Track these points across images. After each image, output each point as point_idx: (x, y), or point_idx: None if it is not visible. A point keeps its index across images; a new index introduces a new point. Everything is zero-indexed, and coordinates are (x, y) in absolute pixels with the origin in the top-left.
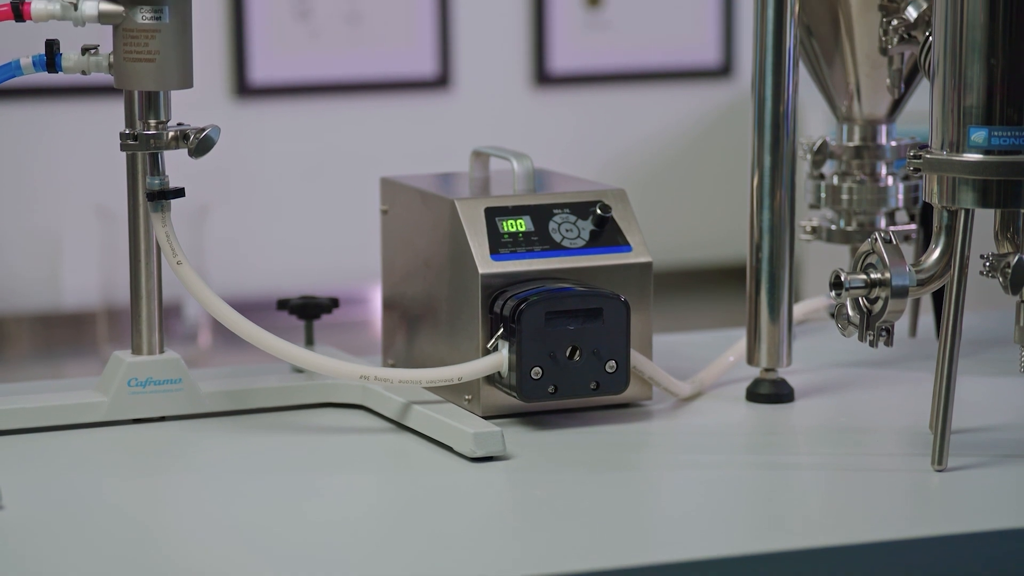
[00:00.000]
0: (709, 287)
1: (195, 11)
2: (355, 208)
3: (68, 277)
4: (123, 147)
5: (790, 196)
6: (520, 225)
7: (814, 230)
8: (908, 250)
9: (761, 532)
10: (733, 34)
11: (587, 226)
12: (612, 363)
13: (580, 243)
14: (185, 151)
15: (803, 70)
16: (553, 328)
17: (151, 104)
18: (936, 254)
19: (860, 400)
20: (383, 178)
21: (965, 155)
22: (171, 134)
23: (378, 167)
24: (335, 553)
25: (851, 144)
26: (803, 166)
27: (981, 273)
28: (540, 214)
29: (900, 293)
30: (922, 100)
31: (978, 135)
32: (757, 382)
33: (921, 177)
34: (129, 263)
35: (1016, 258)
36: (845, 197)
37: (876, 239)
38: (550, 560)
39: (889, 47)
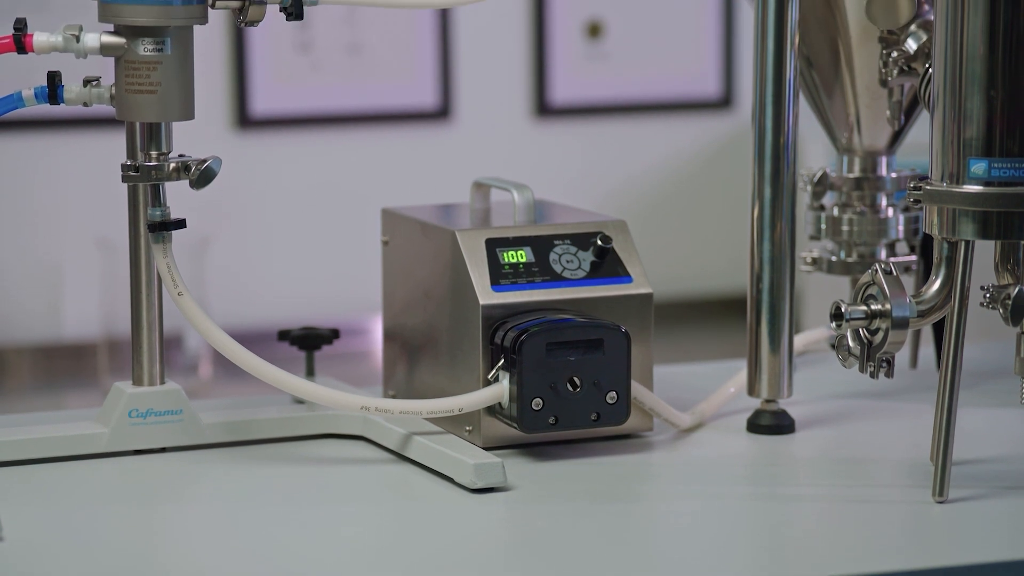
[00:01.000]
0: (710, 318)
1: (196, 42)
2: (356, 239)
3: (69, 308)
4: (125, 178)
5: (791, 227)
6: (521, 256)
7: (815, 261)
8: (908, 281)
9: (762, 564)
10: (733, 66)
11: (588, 257)
12: (613, 394)
13: (581, 274)
14: (186, 182)
15: (803, 101)
16: (554, 359)
17: (152, 135)
18: (936, 285)
19: (861, 431)
20: (384, 209)
21: (965, 187)
22: (172, 165)
23: (379, 198)
24: None
25: (851, 175)
26: (803, 197)
27: (981, 304)
28: (541, 245)
29: (901, 324)
30: (922, 132)
31: (978, 167)
32: (758, 413)
33: (921, 208)
34: (130, 294)
35: (1016, 289)
36: (845, 228)
37: (876, 270)
38: None
39: (889, 79)
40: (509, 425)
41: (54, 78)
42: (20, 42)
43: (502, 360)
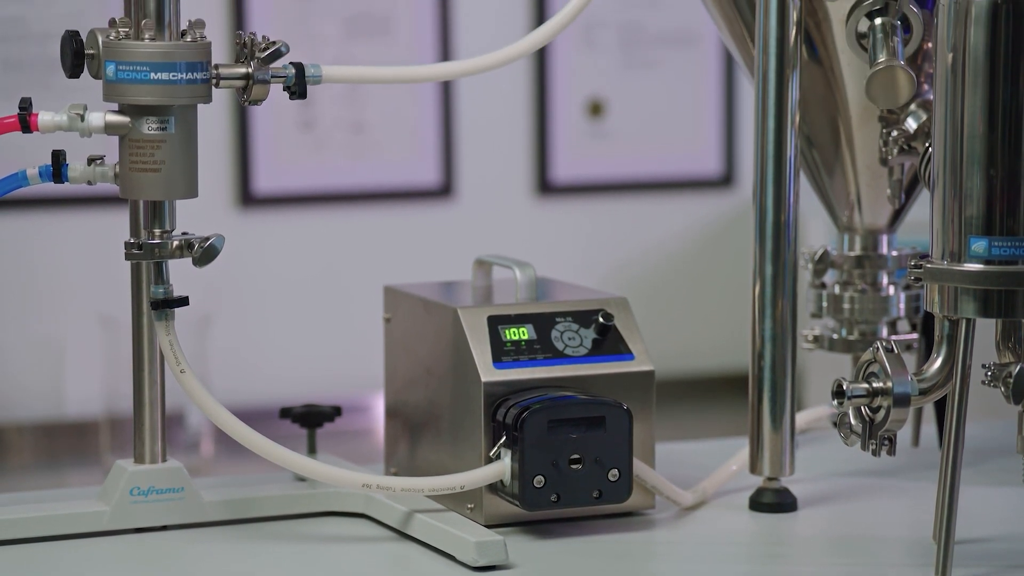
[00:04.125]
0: (711, 395)
1: (200, 120)
2: (358, 316)
3: (71, 386)
4: (128, 256)
5: (792, 305)
6: (523, 333)
7: (816, 339)
8: (910, 359)
9: None
10: (734, 144)
11: (589, 334)
12: (615, 471)
13: (582, 351)
14: (189, 260)
15: (804, 180)
16: (555, 436)
17: (156, 213)
18: (938, 363)
19: (863, 509)
20: (386, 286)
21: (966, 265)
22: (175, 243)
23: (381, 275)
24: None
25: (852, 254)
26: (805, 275)
27: (983, 382)
28: (542, 322)
29: (902, 402)
30: (923, 210)
31: (979, 245)
32: (760, 491)
33: (922, 287)
34: (132, 372)
35: (1018, 368)
36: (847, 306)
37: (878, 348)
38: None
39: (889, 158)
40: (511, 503)
41: (58, 157)
42: (25, 121)
43: (504, 437)
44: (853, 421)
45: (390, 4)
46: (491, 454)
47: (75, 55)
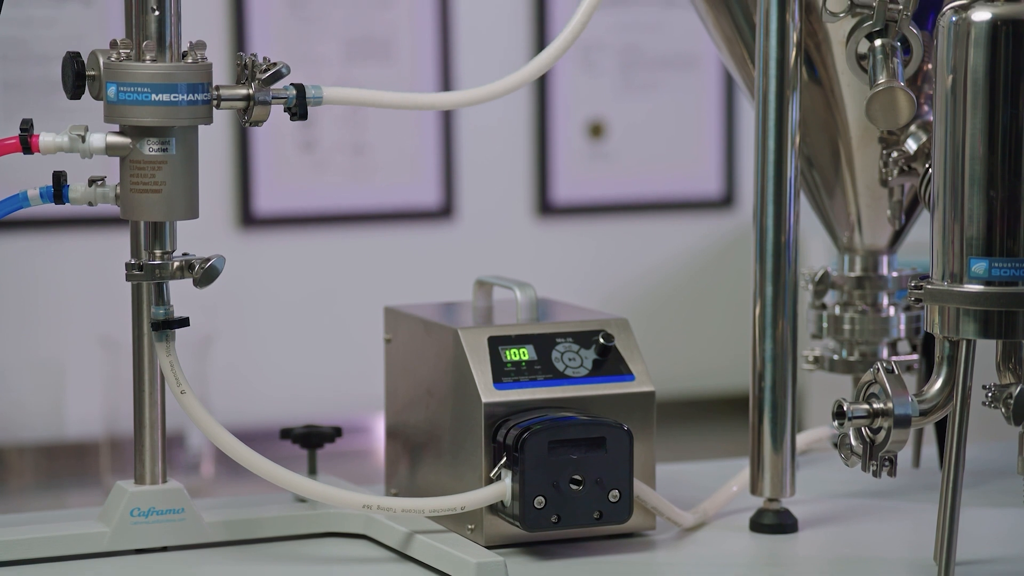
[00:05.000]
0: (712, 416)
1: (201, 141)
2: (358, 337)
3: (72, 406)
4: (129, 277)
5: (792, 326)
6: (523, 354)
7: (816, 360)
8: (910, 380)
9: None
10: (734, 165)
11: (590, 355)
12: (615, 492)
13: (583, 372)
14: (190, 281)
15: (804, 201)
16: (556, 457)
17: (157, 234)
18: (938, 384)
19: (864, 531)
20: (387, 307)
21: (966, 286)
22: (176, 264)
23: (382, 296)
24: None
25: (853, 274)
26: (805, 296)
27: (983, 403)
28: (543, 343)
29: (903, 423)
30: (923, 231)
31: (979, 266)
32: (761, 512)
33: (922, 307)
34: (133, 392)
35: (1018, 389)
36: (847, 327)
37: (878, 369)
38: None
39: (889, 179)
40: (511, 523)
41: (59, 178)
42: (26, 142)
43: (504, 458)
44: (854, 442)
45: (391, 26)
46: (491, 475)
47: (76, 76)
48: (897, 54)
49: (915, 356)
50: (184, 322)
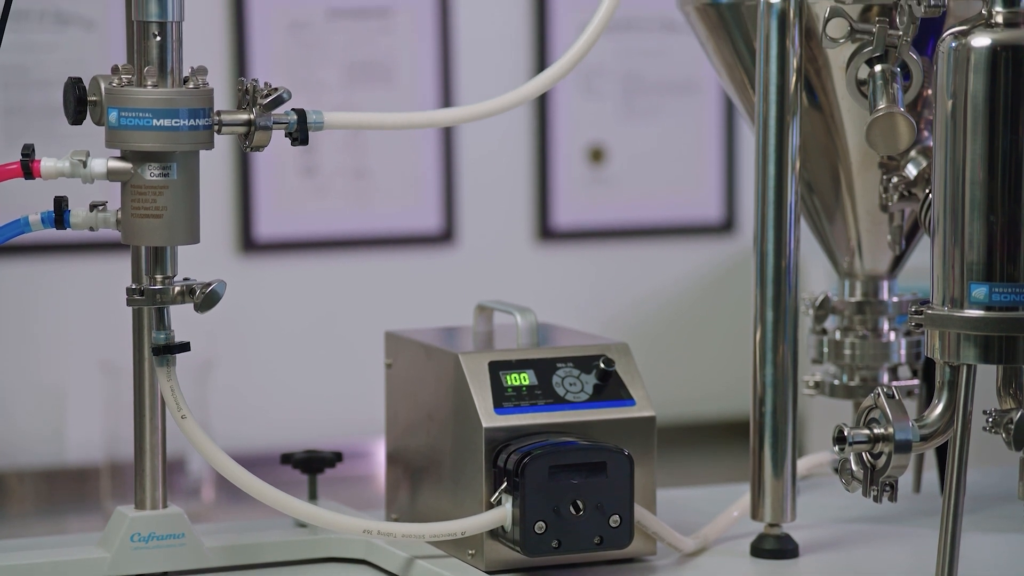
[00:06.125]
0: (713, 442)
1: (202, 166)
2: (359, 362)
3: (72, 431)
4: (129, 302)
5: (793, 351)
6: (523, 379)
7: (817, 385)
8: (911, 405)
9: None
10: (735, 190)
11: (590, 380)
12: (616, 517)
13: (583, 397)
14: (191, 305)
15: (804, 226)
16: (557, 482)
17: (158, 259)
18: (939, 409)
19: (864, 556)
20: (387, 332)
21: (966, 311)
22: (177, 289)
23: (382, 321)
24: None
25: (853, 300)
26: (805, 321)
27: (984, 429)
28: (543, 368)
29: (903, 448)
30: (923, 256)
31: (979, 291)
32: (761, 537)
33: (923, 333)
34: (133, 417)
35: (1019, 414)
36: (848, 352)
37: (879, 394)
38: None
39: (889, 204)
40: (512, 549)
41: (61, 203)
42: (28, 168)
43: (505, 483)
44: (854, 467)
45: (391, 51)
46: (492, 500)
47: (78, 102)
48: (897, 80)
49: (916, 381)
50: (185, 347)
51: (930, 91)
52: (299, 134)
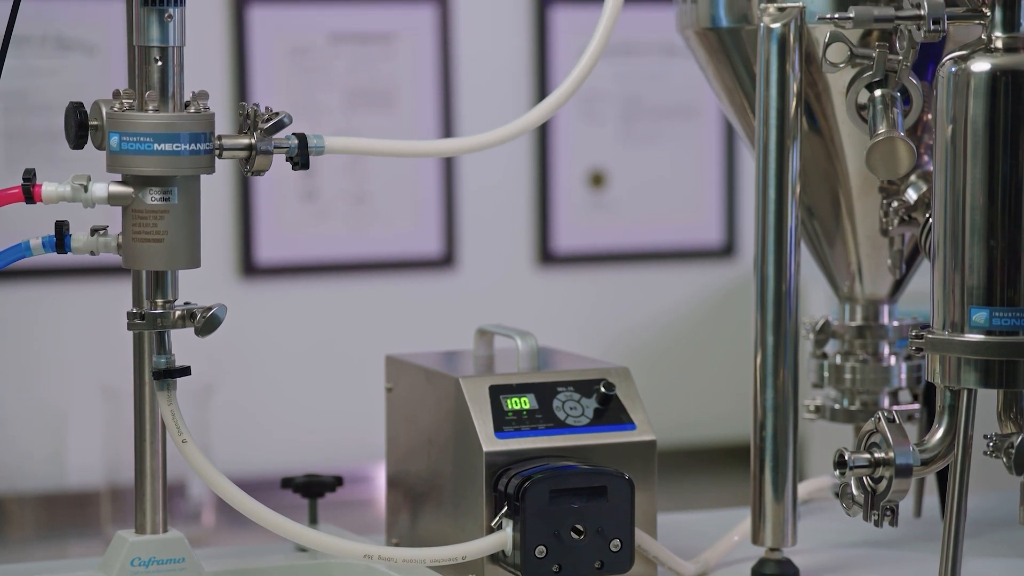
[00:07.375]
0: (713, 466)
1: (203, 191)
2: (360, 386)
3: (73, 456)
4: (130, 326)
5: (793, 375)
6: (524, 403)
7: (818, 409)
8: (911, 430)
9: None
10: (735, 215)
11: (591, 404)
12: (616, 542)
13: (584, 421)
14: (191, 330)
15: (805, 250)
16: (557, 506)
17: (159, 283)
18: (939, 434)
19: None
20: (388, 356)
21: (967, 335)
22: (178, 313)
23: (383, 345)
24: None
25: (853, 324)
26: (806, 345)
27: (985, 453)
28: (544, 392)
29: (904, 472)
30: (923, 280)
31: (979, 316)
32: (762, 562)
33: (923, 357)
34: (134, 441)
35: (1020, 438)
36: (848, 376)
37: (879, 418)
38: None
39: (890, 228)
40: (512, 573)
41: (62, 227)
42: (29, 192)
43: (505, 507)
44: (855, 491)
45: (392, 76)
46: (492, 524)
47: (79, 126)
48: (897, 104)
49: (916, 405)
50: (185, 371)
51: (930, 116)
52: (300, 158)
